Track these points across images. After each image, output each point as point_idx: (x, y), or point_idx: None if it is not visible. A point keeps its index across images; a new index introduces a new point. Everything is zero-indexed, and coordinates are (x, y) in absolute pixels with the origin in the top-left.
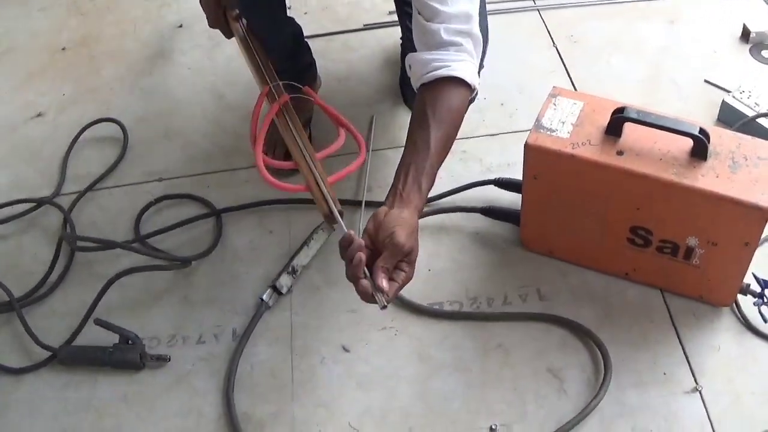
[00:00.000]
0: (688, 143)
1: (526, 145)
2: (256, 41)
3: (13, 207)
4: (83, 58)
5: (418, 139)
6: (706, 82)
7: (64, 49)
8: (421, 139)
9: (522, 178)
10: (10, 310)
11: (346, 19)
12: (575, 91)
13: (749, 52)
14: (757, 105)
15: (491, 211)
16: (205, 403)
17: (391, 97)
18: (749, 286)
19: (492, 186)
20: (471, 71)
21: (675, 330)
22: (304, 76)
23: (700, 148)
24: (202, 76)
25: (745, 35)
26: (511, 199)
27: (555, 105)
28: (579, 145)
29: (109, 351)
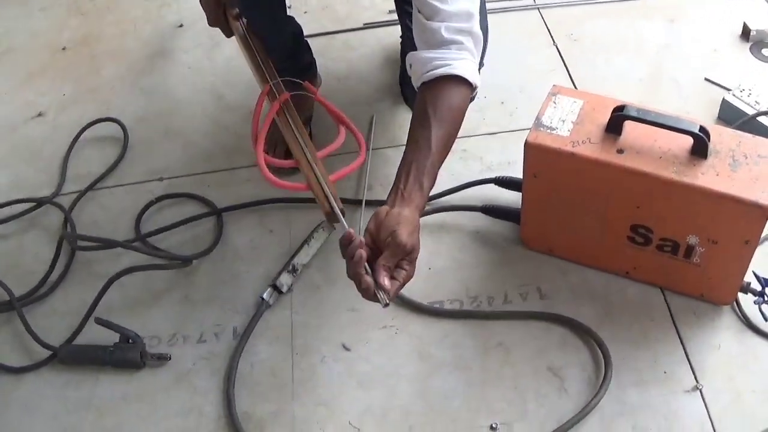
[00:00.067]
0: (689, 141)
1: (526, 143)
2: (256, 40)
3: (13, 207)
4: (84, 57)
5: (420, 138)
6: (707, 80)
7: (65, 48)
8: (423, 138)
9: (522, 176)
10: (10, 309)
11: (345, 18)
12: (575, 90)
13: (749, 51)
14: (758, 103)
15: (491, 210)
16: (205, 402)
17: (391, 96)
18: (750, 284)
19: (492, 185)
20: (472, 69)
21: (675, 328)
22: (304, 75)
23: (701, 146)
24: (202, 75)
25: (746, 34)
26: (512, 197)
27: (555, 103)
28: (579, 143)
29: (110, 350)
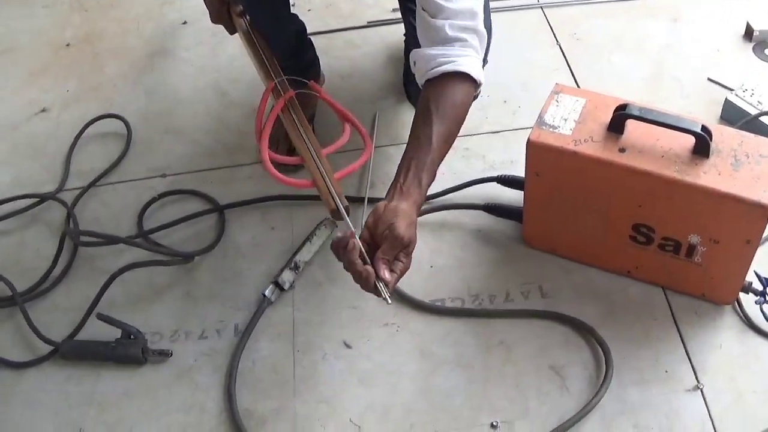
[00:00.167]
0: (691, 141)
1: (529, 142)
2: (259, 37)
3: (16, 202)
4: (86, 55)
5: (421, 134)
6: (709, 80)
7: (68, 45)
8: (424, 135)
9: (524, 175)
10: (12, 304)
11: (349, 16)
12: (578, 88)
13: (752, 51)
14: (760, 103)
15: (494, 208)
16: (207, 399)
17: (395, 94)
18: (751, 284)
19: (494, 183)
20: (476, 66)
21: (677, 328)
22: (307, 73)
23: (702, 145)
24: (205, 72)
25: (749, 33)
26: (514, 196)
27: (557, 102)
28: (581, 142)
29: (112, 346)
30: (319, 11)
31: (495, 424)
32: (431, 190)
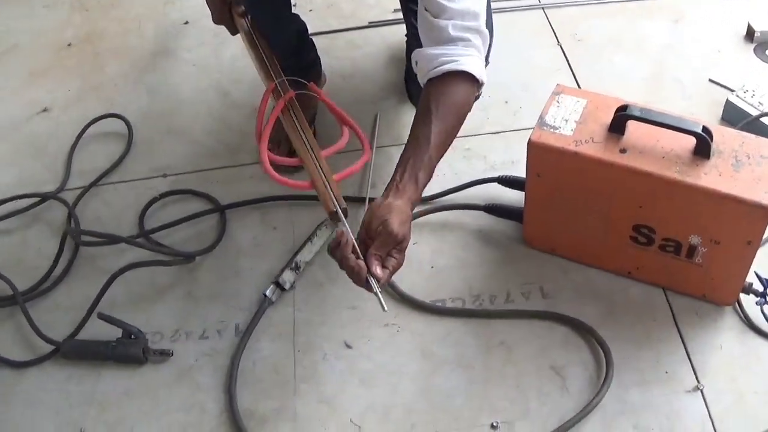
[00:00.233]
0: (691, 141)
1: (530, 142)
2: (261, 37)
3: (17, 202)
4: (88, 54)
5: (420, 134)
6: (710, 81)
7: (70, 45)
8: (423, 134)
9: (525, 175)
10: (14, 303)
11: (350, 16)
12: (579, 89)
13: (753, 52)
14: (761, 104)
15: (494, 209)
16: (207, 399)
17: (396, 95)
18: (752, 285)
19: (495, 183)
20: (479, 65)
21: (677, 329)
22: (308, 73)
23: (703, 146)
24: (207, 72)
25: (750, 34)
26: (515, 196)
27: (558, 102)
28: (582, 142)
29: (112, 345)
30: (321, 11)
31: (495, 424)
32: (432, 191)
